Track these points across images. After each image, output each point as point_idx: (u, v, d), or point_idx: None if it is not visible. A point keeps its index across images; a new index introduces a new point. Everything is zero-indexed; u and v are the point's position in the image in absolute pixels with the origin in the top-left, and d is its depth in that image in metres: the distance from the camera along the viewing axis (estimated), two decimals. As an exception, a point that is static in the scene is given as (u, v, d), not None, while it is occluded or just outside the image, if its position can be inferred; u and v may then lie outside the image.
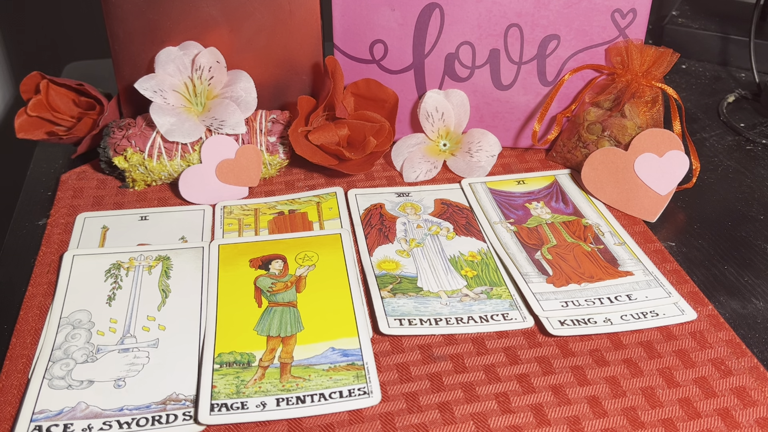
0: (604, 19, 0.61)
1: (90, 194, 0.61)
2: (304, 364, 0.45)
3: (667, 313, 0.49)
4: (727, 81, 0.80)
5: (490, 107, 0.65)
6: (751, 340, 0.48)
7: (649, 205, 0.58)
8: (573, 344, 0.47)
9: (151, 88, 0.57)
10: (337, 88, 0.60)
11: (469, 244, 0.55)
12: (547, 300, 0.50)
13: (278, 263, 0.53)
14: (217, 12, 0.60)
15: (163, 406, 0.42)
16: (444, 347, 0.47)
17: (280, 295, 0.50)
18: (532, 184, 0.62)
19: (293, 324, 0.48)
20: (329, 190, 0.61)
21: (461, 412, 0.42)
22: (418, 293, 0.50)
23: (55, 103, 0.65)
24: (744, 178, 0.64)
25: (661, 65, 0.60)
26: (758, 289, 0.52)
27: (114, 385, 0.43)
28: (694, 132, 0.71)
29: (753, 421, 0.42)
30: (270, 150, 0.61)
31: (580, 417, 0.42)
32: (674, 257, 0.55)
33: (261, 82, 0.62)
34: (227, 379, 0.44)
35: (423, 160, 0.63)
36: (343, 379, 0.44)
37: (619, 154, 0.59)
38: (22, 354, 0.46)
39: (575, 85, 0.64)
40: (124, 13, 0.59)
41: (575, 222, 0.58)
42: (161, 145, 0.59)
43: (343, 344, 0.46)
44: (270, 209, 0.59)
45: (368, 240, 0.56)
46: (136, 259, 0.53)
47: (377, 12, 0.62)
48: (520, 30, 0.61)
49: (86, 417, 0.41)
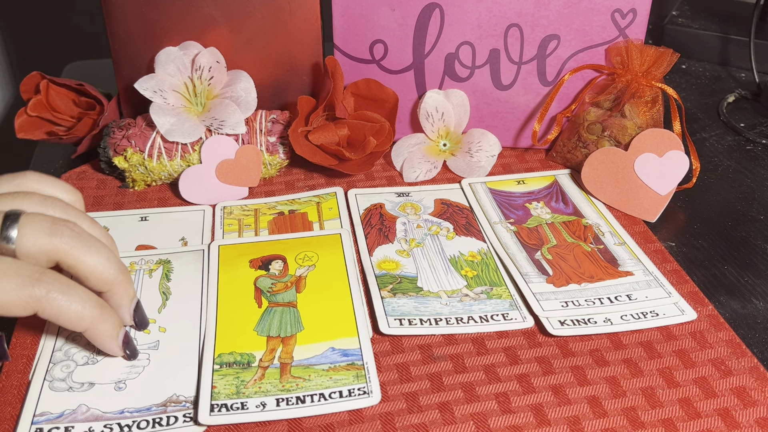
0: (604, 19, 0.61)
1: (90, 194, 0.61)
2: (304, 364, 0.45)
3: (667, 313, 0.49)
4: (727, 81, 0.80)
5: (490, 107, 0.65)
6: (751, 340, 0.48)
7: (649, 205, 0.58)
8: (573, 344, 0.47)
9: (151, 88, 0.57)
10: (337, 88, 0.60)
11: (469, 244, 0.55)
12: (547, 300, 0.50)
13: (278, 263, 0.53)
14: (217, 12, 0.60)
15: (164, 408, 0.42)
16: (444, 347, 0.47)
17: (280, 295, 0.50)
18: (532, 184, 0.62)
19: (293, 324, 0.48)
20: (329, 190, 0.61)
21: (461, 412, 0.42)
22: (418, 293, 0.51)
23: (55, 103, 0.65)
24: (744, 178, 0.64)
25: (661, 65, 0.60)
26: (758, 289, 0.52)
27: (115, 388, 0.43)
28: (694, 132, 0.71)
29: (753, 421, 0.42)
30: (270, 150, 0.61)
31: (580, 417, 0.42)
32: (674, 257, 0.55)
33: (261, 82, 0.62)
34: (227, 379, 0.44)
35: (423, 160, 0.63)
36: (343, 379, 0.44)
37: (619, 154, 0.59)
38: (23, 354, 0.46)
39: (575, 85, 0.64)
40: (124, 13, 0.59)
41: (575, 222, 0.58)
42: (161, 145, 0.59)
43: (342, 344, 0.46)
44: (270, 209, 0.59)
45: (368, 240, 0.56)
46: (137, 263, 0.53)
47: (377, 12, 0.62)
48: (520, 30, 0.61)
49: (87, 419, 0.41)
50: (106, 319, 0.43)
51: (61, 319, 0.41)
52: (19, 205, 0.43)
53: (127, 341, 0.45)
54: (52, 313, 0.40)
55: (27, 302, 0.39)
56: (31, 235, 0.41)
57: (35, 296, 0.39)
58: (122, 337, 0.44)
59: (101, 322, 0.42)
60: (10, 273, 0.39)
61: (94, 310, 0.42)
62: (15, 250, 0.41)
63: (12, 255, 0.41)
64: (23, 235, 0.41)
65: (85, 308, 0.41)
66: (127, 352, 0.45)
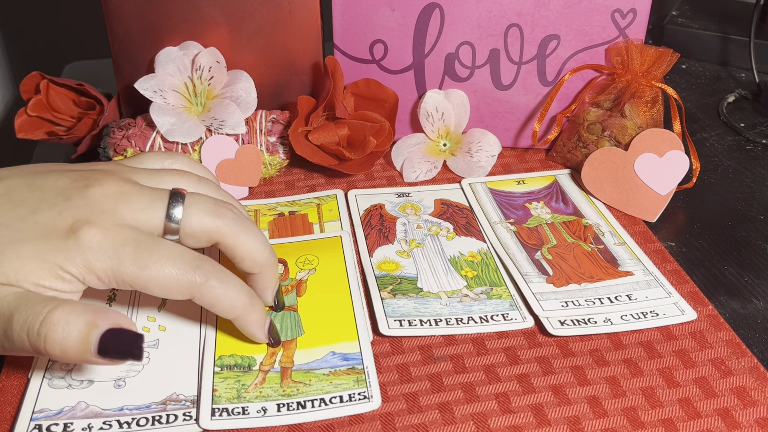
0: (604, 19, 0.61)
1: (90, 194, 0.61)
2: (304, 369, 0.45)
3: (667, 313, 0.49)
4: (727, 81, 0.80)
5: (490, 107, 0.65)
6: (751, 340, 0.48)
7: (649, 205, 0.58)
8: (573, 344, 0.47)
9: (151, 88, 0.57)
10: (337, 88, 0.60)
11: (469, 245, 0.55)
12: (547, 300, 0.50)
13: (279, 267, 0.52)
14: (217, 12, 0.60)
15: (164, 406, 0.42)
16: (444, 348, 0.47)
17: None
18: (532, 184, 0.62)
19: (294, 328, 0.47)
20: (329, 193, 0.61)
21: (461, 413, 0.42)
22: (418, 294, 0.50)
23: (55, 103, 0.65)
24: (744, 178, 0.64)
25: (661, 65, 0.60)
26: (758, 289, 0.52)
27: (114, 385, 0.43)
28: (694, 132, 0.71)
29: (753, 421, 0.42)
30: (270, 150, 0.61)
31: (580, 417, 0.42)
32: (674, 257, 0.55)
33: (261, 82, 0.62)
34: (228, 382, 0.43)
35: (423, 160, 0.63)
36: (343, 384, 0.43)
37: (619, 154, 0.59)
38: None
39: (575, 85, 0.64)
40: (124, 13, 0.59)
41: (575, 222, 0.58)
42: (161, 145, 0.59)
43: (343, 348, 0.46)
44: (270, 210, 0.59)
45: (368, 241, 0.56)
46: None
47: (377, 12, 0.62)
48: (520, 30, 0.61)
49: (86, 416, 0.41)
50: (256, 308, 0.43)
51: (216, 306, 0.41)
52: (179, 183, 0.44)
53: (271, 329, 0.45)
54: (209, 300, 0.41)
55: (187, 288, 0.40)
56: (196, 215, 0.41)
57: (195, 282, 0.40)
58: (268, 325, 0.45)
59: (252, 311, 0.43)
60: (174, 257, 0.40)
61: (246, 299, 0.42)
62: (179, 228, 0.41)
63: (176, 233, 0.41)
64: (189, 214, 0.41)
65: (239, 296, 0.42)
66: (271, 340, 0.45)
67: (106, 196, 0.40)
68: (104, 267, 0.38)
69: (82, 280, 0.39)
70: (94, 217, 0.39)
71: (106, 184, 0.41)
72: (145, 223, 0.40)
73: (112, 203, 0.40)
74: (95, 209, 0.39)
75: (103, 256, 0.38)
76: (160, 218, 0.41)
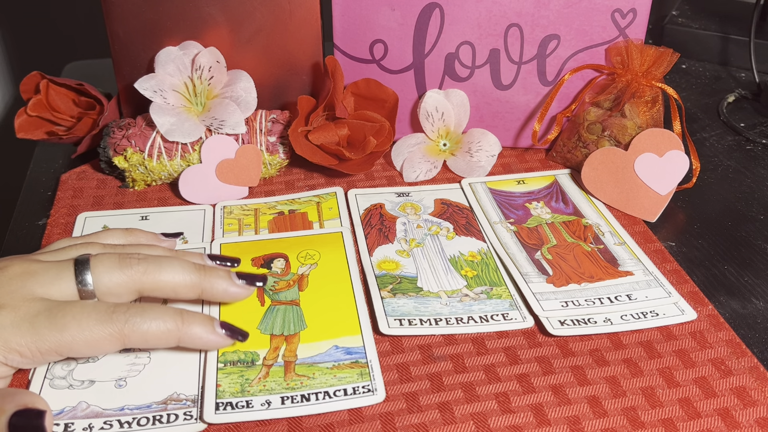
0: (604, 19, 0.61)
1: (90, 194, 0.61)
2: (308, 363, 0.45)
3: (667, 313, 0.49)
4: (727, 81, 0.80)
5: (490, 107, 0.65)
6: (751, 340, 0.48)
7: (649, 205, 0.58)
8: (573, 344, 0.47)
9: (151, 88, 0.57)
10: (337, 88, 0.60)
11: (469, 244, 0.55)
12: (547, 300, 0.50)
13: (280, 262, 0.53)
14: (217, 12, 0.60)
15: (164, 406, 0.42)
16: (444, 347, 0.47)
17: (282, 293, 0.50)
18: (532, 184, 0.62)
19: (296, 322, 0.48)
20: (329, 190, 0.61)
21: (461, 412, 0.42)
22: (418, 293, 0.51)
23: (55, 103, 0.65)
24: (744, 178, 0.64)
25: (661, 65, 0.60)
26: (758, 289, 0.52)
27: (115, 385, 0.43)
28: (694, 132, 0.71)
29: (753, 421, 0.42)
30: (270, 150, 0.61)
31: (580, 417, 0.42)
32: (674, 257, 0.55)
33: (261, 82, 0.62)
34: (232, 378, 0.44)
35: (423, 159, 0.63)
36: (347, 377, 0.44)
37: (619, 154, 0.59)
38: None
39: (575, 85, 0.64)
40: (124, 13, 0.59)
41: (575, 222, 0.58)
42: (161, 145, 0.59)
43: (346, 342, 0.46)
44: (270, 209, 0.59)
45: (368, 240, 0.56)
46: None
47: (377, 12, 0.62)
48: (520, 30, 0.61)
49: (87, 416, 0.41)
50: (192, 321, 0.42)
51: (150, 341, 0.41)
52: (84, 250, 0.44)
53: (228, 326, 0.44)
54: (139, 338, 0.41)
55: (111, 335, 0.40)
56: (106, 273, 0.42)
57: (117, 327, 0.40)
58: (219, 326, 0.43)
59: (189, 327, 0.42)
60: (88, 312, 0.40)
61: (176, 320, 0.42)
62: (94, 291, 0.41)
63: (92, 296, 0.42)
64: (99, 274, 0.41)
65: (165, 321, 0.41)
66: (239, 337, 0.44)
67: (13, 278, 0.41)
68: (23, 342, 0.39)
69: (4, 361, 0.39)
70: (3, 299, 0.40)
71: (11, 267, 0.41)
72: (58, 295, 0.41)
73: (20, 282, 0.40)
74: (3, 291, 0.40)
75: (19, 330, 0.39)
76: (71, 287, 0.41)
